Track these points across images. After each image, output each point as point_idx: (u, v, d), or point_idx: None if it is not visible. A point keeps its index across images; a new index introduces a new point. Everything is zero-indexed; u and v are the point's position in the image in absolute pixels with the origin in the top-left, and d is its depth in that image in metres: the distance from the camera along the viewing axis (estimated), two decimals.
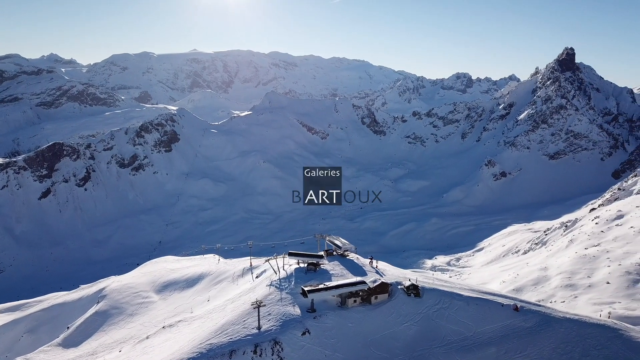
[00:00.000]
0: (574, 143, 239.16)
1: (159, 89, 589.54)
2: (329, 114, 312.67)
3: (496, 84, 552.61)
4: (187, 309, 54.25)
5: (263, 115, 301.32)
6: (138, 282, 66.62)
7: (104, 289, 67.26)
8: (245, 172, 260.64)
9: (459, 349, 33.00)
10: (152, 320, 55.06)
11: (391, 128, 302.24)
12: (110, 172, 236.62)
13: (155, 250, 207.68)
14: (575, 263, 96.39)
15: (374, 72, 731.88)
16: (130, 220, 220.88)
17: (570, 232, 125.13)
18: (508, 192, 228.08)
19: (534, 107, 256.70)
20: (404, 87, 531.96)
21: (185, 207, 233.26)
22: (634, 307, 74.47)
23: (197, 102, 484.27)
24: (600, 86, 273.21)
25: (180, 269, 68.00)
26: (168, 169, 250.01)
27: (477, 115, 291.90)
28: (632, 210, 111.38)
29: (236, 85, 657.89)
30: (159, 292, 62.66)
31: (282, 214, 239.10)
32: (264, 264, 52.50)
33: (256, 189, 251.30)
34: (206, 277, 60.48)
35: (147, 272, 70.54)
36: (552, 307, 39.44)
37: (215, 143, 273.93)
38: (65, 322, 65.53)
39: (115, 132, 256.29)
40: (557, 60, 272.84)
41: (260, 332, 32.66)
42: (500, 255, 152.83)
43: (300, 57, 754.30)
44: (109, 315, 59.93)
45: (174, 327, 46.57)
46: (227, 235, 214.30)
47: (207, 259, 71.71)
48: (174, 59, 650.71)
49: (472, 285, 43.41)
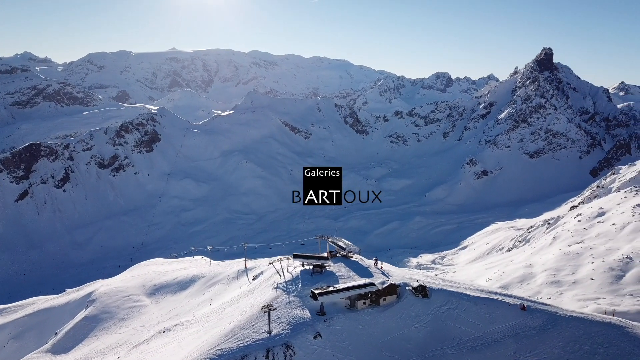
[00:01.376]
0: (553, 142, 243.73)
1: (137, 88, 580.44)
2: (311, 113, 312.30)
3: (475, 83, 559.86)
4: (181, 312, 53.38)
5: (245, 115, 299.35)
6: (128, 286, 65.27)
7: (93, 293, 65.69)
8: (228, 172, 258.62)
9: (469, 349, 33.04)
10: (146, 324, 53.99)
11: (374, 127, 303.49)
12: (89, 172, 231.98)
13: (138, 252, 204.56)
14: (559, 260, 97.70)
15: (355, 71, 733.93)
16: (111, 221, 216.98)
17: (553, 229, 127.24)
18: (489, 191, 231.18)
19: (514, 107, 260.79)
20: (384, 86, 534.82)
21: (167, 208, 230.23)
22: (618, 302, 75.95)
23: (176, 101, 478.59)
24: (577, 86, 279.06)
25: (171, 272, 66.86)
26: (149, 170, 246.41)
27: (458, 114, 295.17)
28: (613, 208, 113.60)
29: (216, 84, 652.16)
30: (150, 295, 61.49)
31: (265, 214, 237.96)
32: (262, 266, 51.93)
33: (239, 189, 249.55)
34: (199, 280, 59.56)
35: (137, 275, 69.16)
36: (557, 306, 39.88)
37: (197, 143, 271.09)
38: (52, 328, 63.83)
39: (94, 132, 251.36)
40: (535, 60, 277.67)
41: (271, 336, 32.13)
42: (484, 253, 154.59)
43: (281, 56, 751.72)
44: (99, 320, 58.55)
45: (170, 331, 45.70)
46: (211, 236, 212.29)
47: (198, 261, 70.63)
48: (152, 58, 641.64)
49: (477, 285, 43.59)
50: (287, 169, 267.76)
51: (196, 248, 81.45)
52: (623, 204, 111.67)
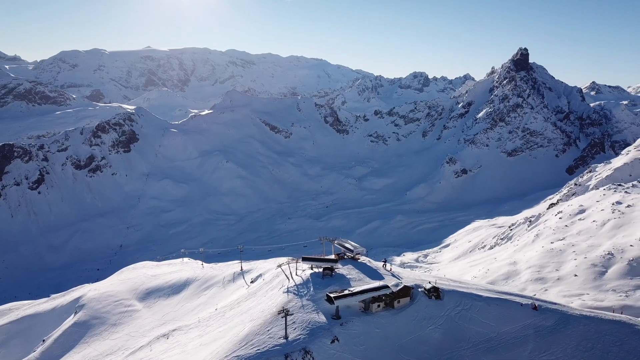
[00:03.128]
0: (530, 140, 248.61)
1: (111, 87, 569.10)
2: (291, 112, 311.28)
3: (452, 83, 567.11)
4: (176, 316, 52.26)
5: (224, 114, 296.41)
6: (118, 290, 63.61)
7: (81, 298, 63.79)
8: (208, 172, 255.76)
9: (485, 350, 33.09)
10: (139, 329, 52.64)
11: (354, 127, 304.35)
12: (65, 174, 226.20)
13: (116, 254, 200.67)
14: (543, 257, 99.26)
15: (332, 70, 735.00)
16: (88, 224, 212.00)
17: (535, 227, 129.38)
18: (469, 189, 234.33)
19: (492, 106, 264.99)
20: (363, 86, 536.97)
21: (146, 209, 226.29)
22: (602, 298, 77.68)
23: (153, 100, 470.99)
24: (552, 85, 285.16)
25: (162, 275, 65.43)
26: (127, 170, 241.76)
27: (437, 113, 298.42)
28: (593, 205, 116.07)
29: (193, 83, 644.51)
30: (142, 299, 60.04)
31: (246, 214, 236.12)
32: (259, 268, 51.17)
33: (219, 190, 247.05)
34: (193, 283, 58.41)
35: (126, 279, 67.47)
36: (567, 305, 40.38)
37: (176, 143, 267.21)
38: (39, 335, 61.73)
39: (69, 132, 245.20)
40: (512, 60, 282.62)
41: (288, 342, 31.52)
42: (467, 251, 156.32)
43: (258, 55, 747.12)
44: (90, 326, 56.85)
45: (169, 336, 44.64)
46: (191, 237, 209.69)
47: (188, 263, 69.29)
48: (127, 56, 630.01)
49: (486, 285, 43.80)
50: (267, 169, 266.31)
51: (186, 250, 79.80)
52: (602, 201, 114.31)
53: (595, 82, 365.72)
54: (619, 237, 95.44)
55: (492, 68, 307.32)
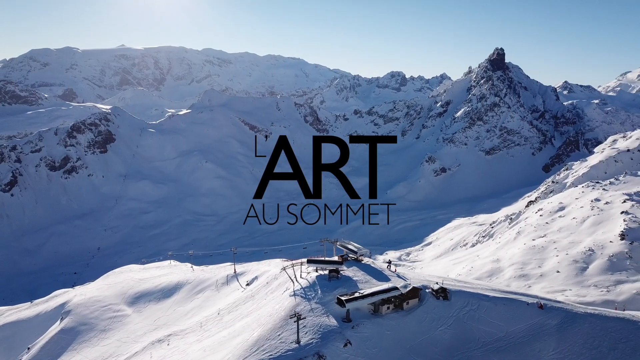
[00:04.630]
0: (508, 139, 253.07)
1: (84, 87, 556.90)
2: (271, 112, 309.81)
3: (429, 82, 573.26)
4: (169, 321, 51.27)
5: (203, 114, 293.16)
6: (105, 295, 62.10)
7: (67, 303, 62.03)
8: (187, 172, 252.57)
9: (494, 350, 33.26)
10: (131, 335, 51.50)
11: (334, 126, 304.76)
12: (39, 175, 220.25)
13: (94, 257, 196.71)
14: (525, 254, 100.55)
15: (310, 70, 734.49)
16: (64, 226, 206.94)
17: (516, 224, 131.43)
18: (449, 187, 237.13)
19: (470, 105, 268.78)
20: (341, 85, 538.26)
21: (125, 211, 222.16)
22: (584, 293, 79.34)
23: (128, 100, 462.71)
24: (527, 85, 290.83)
25: (151, 279, 64.16)
26: (104, 171, 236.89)
27: (416, 113, 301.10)
28: (572, 202, 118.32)
29: (169, 82, 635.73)
30: (131, 304, 58.74)
31: (227, 215, 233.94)
32: (254, 270, 50.55)
33: (199, 190, 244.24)
34: (184, 286, 57.41)
35: (113, 283, 65.91)
36: (571, 303, 40.99)
37: (154, 143, 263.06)
38: (23, 343, 59.83)
39: (43, 132, 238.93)
40: (488, 60, 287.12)
41: (300, 346, 31.13)
42: (449, 249, 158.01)
43: (235, 54, 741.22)
44: (77, 333, 55.34)
45: (164, 342, 43.75)
46: (172, 239, 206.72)
47: (178, 266, 68.09)
48: (100, 55, 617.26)
49: (492, 285, 44.10)
50: (247, 169, 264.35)
51: (173, 253, 78.42)
52: (581, 198, 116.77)
53: (568, 81, 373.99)
54: (599, 233, 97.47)
55: (470, 68, 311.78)
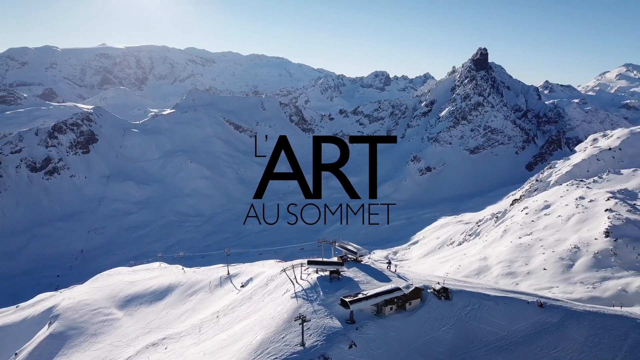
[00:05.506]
0: (492, 138, 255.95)
1: (64, 86, 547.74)
2: (256, 111, 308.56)
3: (412, 82, 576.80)
4: (162, 324, 50.59)
5: (187, 114, 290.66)
6: (94, 298, 60.99)
7: (55, 307, 60.77)
8: (172, 173, 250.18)
9: (497, 349, 33.40)
10: (123, 339, 50.67)
11: (319, 126, 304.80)
12: (20, 177, 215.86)
13: (77, 259, 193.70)
14: (512, 252, 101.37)
15: (294, 69, 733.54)
16: (46, 228, 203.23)
17: (502, 222, 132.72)
18: (434, 186, 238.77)
19: (454, 105, 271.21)
20: (325, 85, 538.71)
21: (108, 212, 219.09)
22: (571, 290, 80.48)
23: (110, 100, 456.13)
24: (510, 84, 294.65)
25: (141, 281, 63.22)
26: (86, 172, 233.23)
27: (401, 112, 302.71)
28: (557, 200, 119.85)
29: (151, 82, 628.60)
30: (122, 307, 57.80)
31: (213, 215, 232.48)
32: (248, 271, 50.09)
33: (184, 191, 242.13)
34: (176, 289, 56.68)
35: (102, 286, 64.81)
36: (570, 302, 41.45)
37: (138, 143, 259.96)
38: (10, 348, 58.42)
39: (23, 132, 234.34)
40: (472, 60, 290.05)
41: (305, 349, 30.83)
42: (436, 247, 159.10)
43: (218, 54, 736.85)
44: (67, 337, 54.23)
45: (159, 345, 43.13)
46: (157, 240, 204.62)
47: (168, 268, 67.22)
48: (80, 54, 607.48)
49: (490, 284, 44.31)
50: (233, 169, 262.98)
51: (162, 254, 77.35)
52: (566, 196, 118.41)
53: (549, 81, 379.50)
54: (584, 231, 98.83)
55: (453, 67, 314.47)
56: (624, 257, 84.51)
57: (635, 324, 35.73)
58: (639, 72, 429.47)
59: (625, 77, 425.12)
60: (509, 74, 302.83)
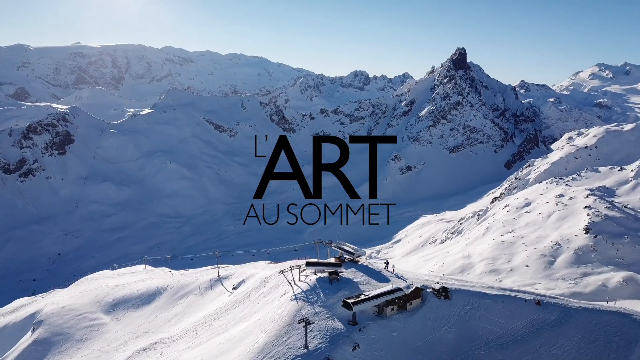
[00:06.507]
0: (471, 137, 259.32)
1: (38, 85, 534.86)
2: (236, 111, 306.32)
3: (391, 81, 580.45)
4: (151, 328, 49.69)
5: (166, 114, 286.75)
6: (79, 303, 59.52)
7: (38, 313, 59.10)
8: (151, 174, 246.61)
9: (498, 347, 33.70)
10: (111, 344, 49.58)
11: (300, 125, 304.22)
12: None
13: (55, 263, 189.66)
14: (495, 249, 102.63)
15: (273, 69, 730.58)
16: (21, 231, 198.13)
17: (484, 220, 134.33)
18: (415, 185, 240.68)
19: (434, 104, 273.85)
20: (305, 84, 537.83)
21: (86, 214, 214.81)
22: (553, 286, 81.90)
23: (85, 99, 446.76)
24: (488, 84, 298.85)
25: (127, 285, 61.94)
26: (63, 174, 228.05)
27: (381, 112, 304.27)
28: (538, 198, 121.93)
29: (127, 81, 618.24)
30: (108, 312, 56.55)
31: (194, 216, 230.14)
32: (239, 273, 49.53)
33: (164, 192, 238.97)
34: (165, 292, 55.70)
35: (87, 290, 63.29)
36: (566, 299, 42.07)
37: (116, 144, 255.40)
38: None
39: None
40: (451, 60, 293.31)
41: (309, 352, 30.54)
42: (418, 246, 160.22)
43: (196, 53, 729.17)
44: (52, 344, 52.75)
45: (149, 350, 42.31)
46: (137, 242, 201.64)
47: (155, 271, 66.05)
48: (54, 53, 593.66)
49: (487, 283, 44.61)
50: (213, 169, 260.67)
51: (148, 257, 75.98)
52: (546, 194, 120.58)
53: (524, 80, 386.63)
54: (564, 227, 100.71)
55: (432, 67, 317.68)
56: (604, 253, 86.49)
57: (631, 320, 36.52)
58: (610, 72, 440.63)
59: (598, 77, 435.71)
60: (486, 73, 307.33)
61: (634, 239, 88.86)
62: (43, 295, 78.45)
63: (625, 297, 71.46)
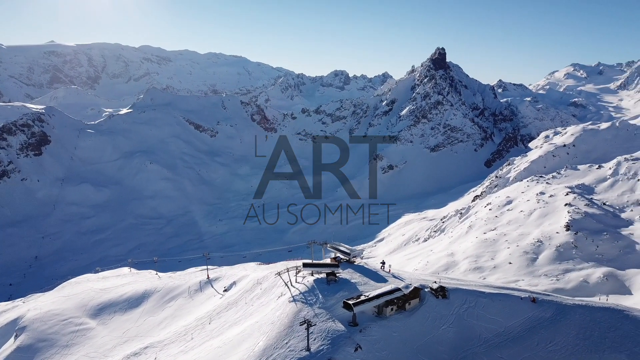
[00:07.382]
0: (451, 136, 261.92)
1: (10, 85, 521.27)
2: (216, 110, 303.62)
3: (371, 81, 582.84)
4: (140, 332, 48.80)
5: (145, 113, 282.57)
6: (63, 308, 58.10)
7: (20, 319, 57.51)
8: (131, 174, 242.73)
9: (496, 345, 33.94)
10: (98, 349, 48.52)
11: (282, 125, 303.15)
12: None
13: (32, 267, 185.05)
14: (478, 247, 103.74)
15: (253, 68, 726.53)
16: None
17: (466, 218, 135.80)
18: (396, 184, 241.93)
19: (415, 103, 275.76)
20: (285, 84, 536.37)
21: (64, 216, 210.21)
22: (536, 282, 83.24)
23: (61, 99, 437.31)
24: (467, 83, 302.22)
25: (113, 288, 60.72)
26: (39, 175, 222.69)
27: (363, 111, 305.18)
28: (519, 196, 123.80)
29: (104, 80, 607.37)
30: (94, 316, 55.34)
31: (174, 217, 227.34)
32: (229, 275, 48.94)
33: (144, 193, 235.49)
34: (153, 295, 54.74)
35: (71, 295, 61.81)
36: (560, 296, 42.62)
37: (94, 144, 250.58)
38: None
39: None
40: (431, 59, 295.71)
41: (311, 354, 30.21)
42: (401, 244, 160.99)
43: (175, 52, 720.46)
44: (36, 350, 51.42)
45: (141, 355, 41.54)
46: (118, 244, 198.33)
47: (141, 274, 64.89)
48: (27, 51, 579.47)
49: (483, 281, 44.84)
50: (194, 169, 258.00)
51: (133, 260, 74.64)
52: (527, 192, 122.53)
53: (502, 80, 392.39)
54: (546, 225, 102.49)
55: (413, 67, 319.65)
56: (584, 250, 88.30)
57: (624, 316, 37.29)
58: (585, 72, 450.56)
59: (572, 77, 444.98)
60: (465, 73, 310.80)
61: (613, 235, 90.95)
62: (23, 300, 76.51)
63: (606, 292, 73.10)
